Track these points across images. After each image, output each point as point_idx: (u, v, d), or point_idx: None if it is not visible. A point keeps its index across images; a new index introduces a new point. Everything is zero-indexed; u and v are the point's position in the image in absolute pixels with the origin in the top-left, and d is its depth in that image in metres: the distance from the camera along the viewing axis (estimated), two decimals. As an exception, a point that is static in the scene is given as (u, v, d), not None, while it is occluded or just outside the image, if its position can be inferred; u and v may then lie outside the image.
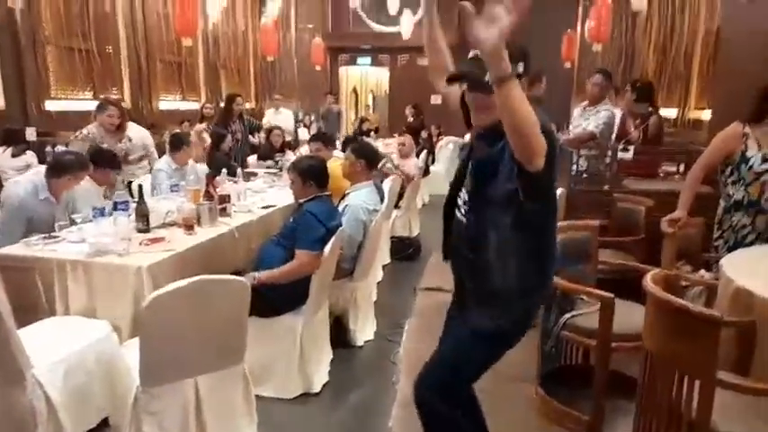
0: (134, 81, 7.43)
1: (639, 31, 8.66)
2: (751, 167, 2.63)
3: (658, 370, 1.67)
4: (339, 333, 3.28)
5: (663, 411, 1.64)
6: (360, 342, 3.35)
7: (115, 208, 2.95)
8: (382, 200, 3.57)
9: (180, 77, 8.74)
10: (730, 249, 2.69)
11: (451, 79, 1.62)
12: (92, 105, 6.61)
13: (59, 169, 3.20)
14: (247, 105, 8.96)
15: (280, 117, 8.39)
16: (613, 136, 4.28)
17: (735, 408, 1.67)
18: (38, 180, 3.21)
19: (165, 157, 4.40)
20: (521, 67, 1.49)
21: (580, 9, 9.55)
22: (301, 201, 2.93)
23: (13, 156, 4.75)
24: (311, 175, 2.89)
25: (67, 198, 3.25)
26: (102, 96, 6.05)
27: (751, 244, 2.66)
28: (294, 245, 2.75)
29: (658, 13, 7.97)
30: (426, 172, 7.44)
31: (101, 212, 2.86)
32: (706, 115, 6.49)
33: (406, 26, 10.28)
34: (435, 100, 12.06)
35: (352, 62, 12.89)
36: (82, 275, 2.54)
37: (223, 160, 5.14)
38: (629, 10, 8.83)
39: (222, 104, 7.46)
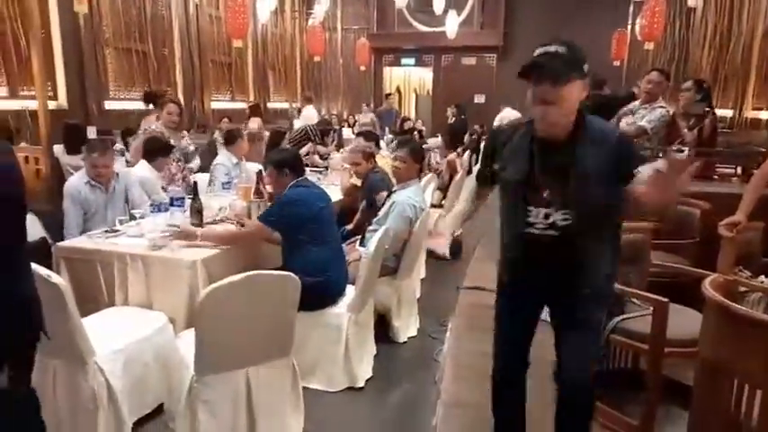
0: (187, 81, 7.69)
1: (694, 28, 8.35)
2: None
3: (716, 378, 1.62)
4: (383, 329, 3.31)
5: (720, 421, 1.60)
6: (403, 338, 3.37)
7: (172, 204, 3.07)
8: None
9: (230, 78, 8.99)
10: (795, 254, 2.57)
11: (523, 73, 1.57)
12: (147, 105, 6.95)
13: (88, 148, 3.31)
14: (294, 105, 9.13)
15: (301, 116, 8.52)
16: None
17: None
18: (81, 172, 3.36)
19: (224, 152, 4.53)
20: (586, 68, 1.56)
21: (631, 7, 9.28)
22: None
23: (70, 153, 4.94)
24: (285, 163, 2.91)
25: (121, 185, 3.39)
26: (162, 93, 6.24)
27: (816, 250, 2.54)
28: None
29: (715, 9, 7.68)
30: (470, 171, 7.38)
31: (158, 208, 2.97)
32: (764, 115, 6.22)
33: (451, 26, 10.25)
34: (479, 99, 12.00)
35: (397, 62, 12.95)
36: (140, 268, 2.66)
37: None
38: (683, 7, 8.54)
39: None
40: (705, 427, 1.65)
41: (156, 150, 3.83)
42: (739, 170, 4.38)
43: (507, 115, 10.15)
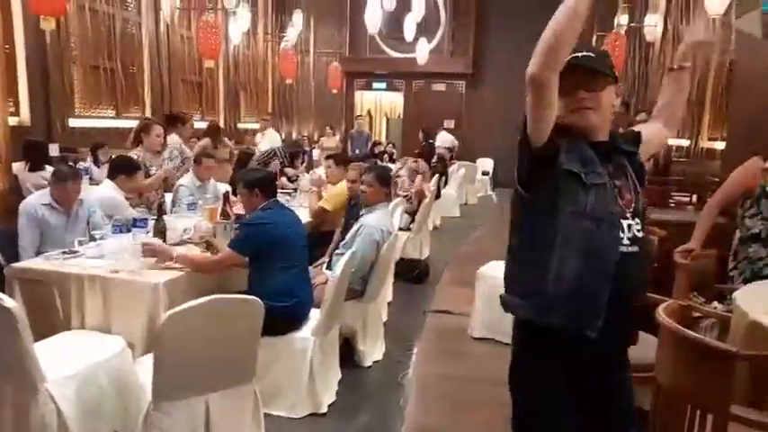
0: (156, 100, 7.60)
1: (653, 61, 8.72)
2: None
3: (670, 403, 1.66)
4: (348, 353, 3.28)
5: (674, 445, 1.63)
6: (369, 362, 3.35)
7: (134, 224, 3.01)
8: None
9: (201, 97, 8.93)
10: (746, 281, 2.67)
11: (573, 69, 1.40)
12: (113, 123, 6.85)
13: (59, 177, 3.23)
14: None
15: (265, 140, 8.09)
16: None
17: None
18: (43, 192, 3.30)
19: (189, 174, 4.48)
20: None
21: (594, 38, 9.63)
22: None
23: (31, 170, 4.82)
24: (256, 183, 2.89)
25: (84, 210, 3.31)
26: (144, 117, 6.12)
27: (766, 276, 2.64)
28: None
29: (672, 44, 8.03)
30: (438, 195, 7.47)
31: (119, 229, 2.91)
32: (719, 145, 6.49)
33: (422, 53, 10.45)
34: (448, 124, 12.20)
35: (368, 86, 13.10)
36: (99, 291, 2.59)
37: None
38: (642, 41, 8.91)
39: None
40: (661, 451, 1.69)
41: (119, 169, 3.76)
42: (695, 198, 4.55)
43: (444, 138, 10.43)
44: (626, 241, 1.39)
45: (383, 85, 13.00)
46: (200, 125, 8.74)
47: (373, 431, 2.74)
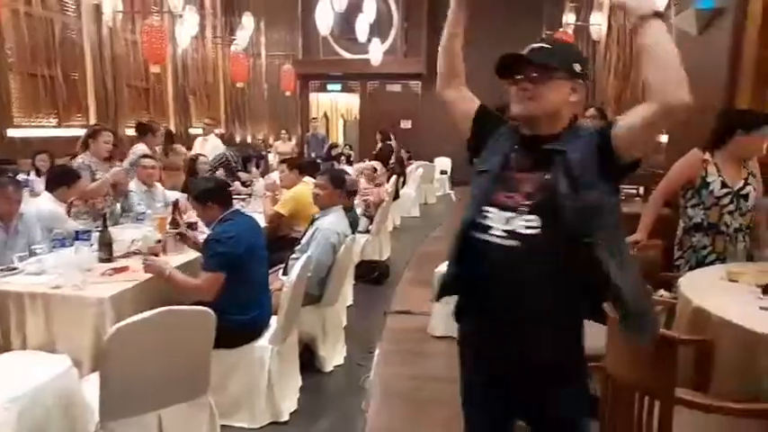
0: (100, 107, 7.35)
1: (599, 58, 8.98)
2: (711, 192, 2.73)
3: (619, 390, 1.70)
4: (308, 359, 3.24)
5: (625, 430, 1.67)
6: (329, 368, 3.32)
7: (77, 237, 2.89)
8: (352, 225, 3.58)
9: (148, 103, 8.68)
10: (692, 269, 2.77)
11: (503, 66, 1.47)
12: (55, 132, 6.58)
13: None
14: (216, 131, 8.92)
15: (207, 145, 7.48)
16: None
17: (695, 426, 1.71)
18: None
19: (135, 180, 4.35)
20: (578, 68, 1.44)
21: (543, 37, 9.87)
22: (212, 227, 2.80)
23: None
24: (209, 195, 2.78)
25: (25, 225, 3.15)
26: (93, 124, 5.91)
27: (711, 264, 2.75)
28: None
29: (617, 41, 8.29)
30: (396, 195, 7.50)
31: (61, 243, 2.79)
32: (663, 138, 6.73)
33: (375, 54, 10.47)
34: (405, 125, 12.27)
35: (323, 88, 13.04)
36: (41, 308, 2.47)
37: None
38: (589, 39, 9.17)
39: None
40: (613, 438, 1.73)
41: (58, 180, 3.59)
42: (641, 190, 4.70)
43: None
44: (499, 232, 1.38)
45: (338, 87, 12.96)
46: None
47: (335, 437, 2.71)
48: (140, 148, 5.13)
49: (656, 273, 2.93)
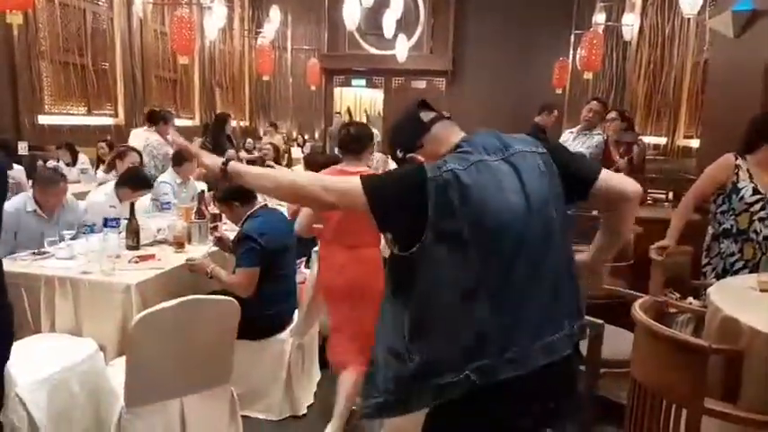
0: (129, 97, 7.46)
1: (630, 60, 8.83)
2: (742, 198, 2.67)
3: (646, 397, 1.67)
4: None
5: (651, 439, 1.64)
6: (348, 363, 3.32)
7: (105, 225, 2.94)
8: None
9: (175, 94, 8.79)
10: (718, 276, 2.71)
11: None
12: (85, 120, 6.70)
13: (42, 182, 3.15)
14: (241, 124, 9.00)
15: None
16: None
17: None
18: (27, 194, 3.20)
19: (170, 171, 4.42)
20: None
21: (572, 37, 9.73)
22: (242, 223, 2.79)
23: None
24: (231, 197, 2.79)
25: (66, 216, 3.21)
26: (121, 145, 5.87)
27: (738, 272, 2.69)
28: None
29: (648, 43, 8.14)
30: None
31: (90, 229, 2.84)
32: (695, 143, 6.60)
33: (401, 50, 10.43)
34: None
35: (347, 83, 13.03)
36: (69, 293, 2.52)
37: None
38: (620, 39, 9.02)
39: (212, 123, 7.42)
40: (637, 446, 1.70)
41: (130, 179, 3.67)
42: (671, 195, 4.62)
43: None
44: None
45: (362, 82, 12.94)
46: (178, 123, 8.65)
47: (352, 431, 2.71)
48: (153, 139, 5.14)
49: (685, 279, 2.88)
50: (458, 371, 1.21)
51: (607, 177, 1.43)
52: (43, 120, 6.12)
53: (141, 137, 5.69)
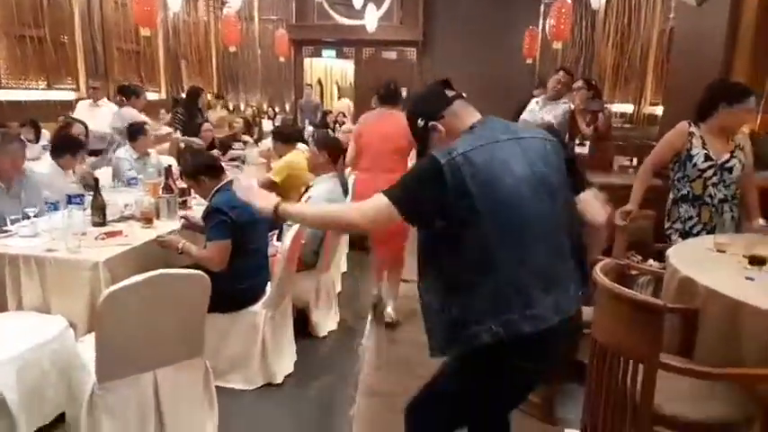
0: (90, 70, 7.21)
1: (598, 29, 8.87)
2: (695, 165, 2.75)
3: (606, 356, 1.74)
4: (303, 324, 3.29)
5: (610, 395, 1.72)
6: (323, 333, 3.37)
7: (69, 201, 2.88)
8: (346, 192, 3.58)
9: (139, 67, 8.53)
10: (683, 238, 2.81)
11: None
12: (46, 95, 6.47)
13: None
14: (209, 97, 8.79)
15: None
16: None
17: (679, 390, 1.76)
18: None
19: (126, 146, 4.33)
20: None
21: (542, 7, 9.70)
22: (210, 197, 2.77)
23: None
24: (199, 171, 2.76)
25: (26, 187, 3.12)
26: (61, 118, 5.66)
27: (698, 234, 2.79)
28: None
29: (615, 12, 8.18)
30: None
31: (54, 206, 2.78)
32: (660, 111, 6.72)
33: (370, 20, 10.28)
34: (403, 92, 12.13)
35: (317, 54, 12.81)
36: (35, 271, 2.49)
37: None
38: (588, 9, 9.03)
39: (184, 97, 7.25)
40: (598, 400, 1.78)
41: (65, 147, 3.60)
42: (635, 161, 4.72)
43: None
44: None
45: (333, 53, 12.73)
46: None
47: (328, 399, 2.77)
48: (130, 112, 5.07)
49: (648, 243, 2.98)
50: (487, 323, 1.38)
51: (588, 198, 1.63)
52: (1, 95, 5.90)
53: (86, 108, 5.56)
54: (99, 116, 5.59)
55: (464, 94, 1.60)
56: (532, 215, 1.41)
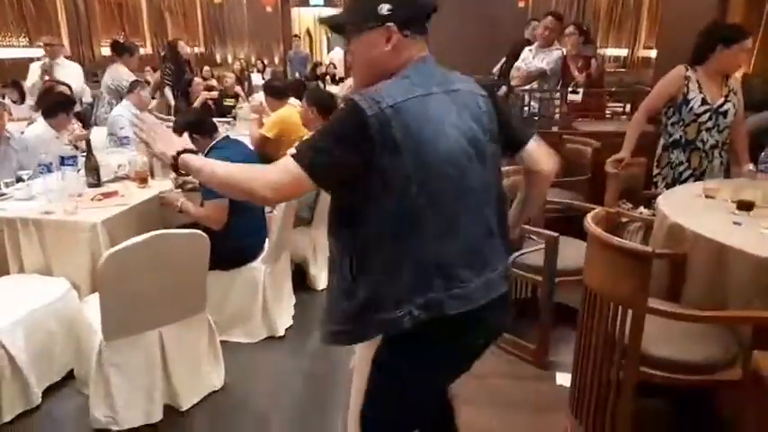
0: (72, 25, 7.00)
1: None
2: (691, 109, 2.75)
3: (596, 302, 1.80)
4: (301, 278, 3.35)
5: (600, 339, 1.79)
6: (322, 286, 3.43)
7: (62, 163, 2.87)
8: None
9: (122, 21, 8.29)
10: (668, 186, 2.84)
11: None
12: (28, 52, 6.30)
13: None
14: (195, 50, 8.60)
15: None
16: None
17: (668, 333, 1.83)
18: None
19: (125, 102, 4.26)
20: (384, 8, 1.24)
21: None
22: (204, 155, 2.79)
23: None
24: (190, 129, 2.70)
25: (13, 148, 3.11)
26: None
27: (687, 180, 2.83)
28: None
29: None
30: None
31: (47, 168, 2.78)
32: (654, 54, 6.63)
33: (360, -36, 9.94)
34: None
35: (305, 3, 12.44)
36: (34, 234, 2.51)
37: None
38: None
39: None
40: (588, 344, 1.85)
41: (58, 105, 3.53)
42: (628, 108, 4.70)
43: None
44: None
45: (320, 2, 12.36)
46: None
47: (328, 350, 2.85)
48: (124, 71, 4.96)
49: (639, 190, 3.02)
50: (402, 306, 1.19)
51: (534, 147, 1.45)
52: (-19, 54, 5.75)
53: (36, 70, 5.32)
54: (60, 76, 5.24)
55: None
56: (464, 185, 1.22)
